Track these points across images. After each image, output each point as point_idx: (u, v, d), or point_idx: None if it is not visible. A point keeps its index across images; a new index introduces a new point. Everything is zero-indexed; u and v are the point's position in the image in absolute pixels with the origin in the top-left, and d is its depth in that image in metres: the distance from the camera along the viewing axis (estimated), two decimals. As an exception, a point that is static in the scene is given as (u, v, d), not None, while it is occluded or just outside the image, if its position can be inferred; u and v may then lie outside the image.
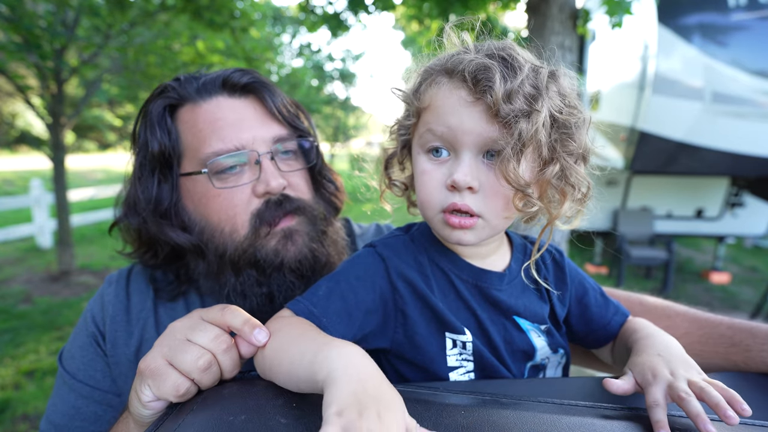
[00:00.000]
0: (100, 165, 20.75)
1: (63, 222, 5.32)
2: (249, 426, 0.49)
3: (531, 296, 0.76)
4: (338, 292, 0.68)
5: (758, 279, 6.24)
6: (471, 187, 0.62)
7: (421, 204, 0.68)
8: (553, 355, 0.77)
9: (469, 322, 0.71)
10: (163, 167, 0.84)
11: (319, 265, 0.86)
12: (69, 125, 5.22)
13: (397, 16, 5.60)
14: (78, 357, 0.86)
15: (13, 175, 15.38)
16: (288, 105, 0.89)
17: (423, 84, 0.67)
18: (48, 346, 3.69)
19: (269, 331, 0.61)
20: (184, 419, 0.52)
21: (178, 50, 5.93)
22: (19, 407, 2.87)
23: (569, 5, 3.76)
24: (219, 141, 0.80)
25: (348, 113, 21.17)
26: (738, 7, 4.37)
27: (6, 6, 3.90)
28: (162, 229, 0.83)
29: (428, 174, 0.66)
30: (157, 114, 0.83)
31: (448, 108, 0.62)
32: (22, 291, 4.99)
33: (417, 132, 0.69)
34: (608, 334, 0.81)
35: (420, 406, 0.55)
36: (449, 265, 0.73)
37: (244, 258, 0.82)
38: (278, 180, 0.81)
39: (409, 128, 0.71)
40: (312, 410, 0.52)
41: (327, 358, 0.49)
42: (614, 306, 0.82)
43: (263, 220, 0.81)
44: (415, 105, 0.67)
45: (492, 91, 0.58)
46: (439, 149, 0.65)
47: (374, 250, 0.74)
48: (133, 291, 0.90)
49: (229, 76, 0.85)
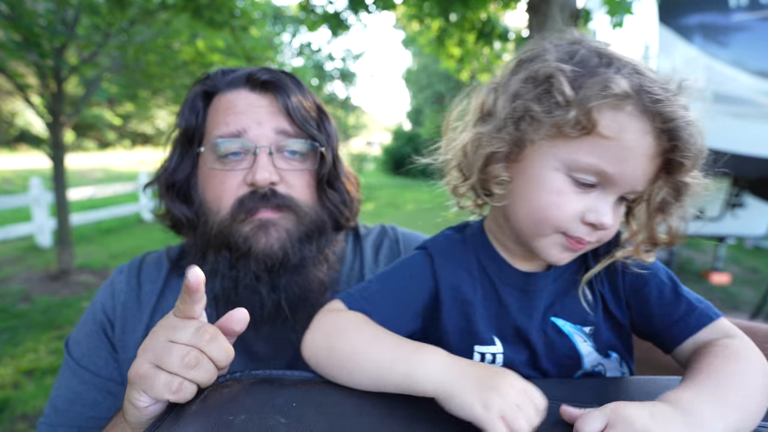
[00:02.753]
0: (100, 164, 20.73)
1: (62, 221, 5.31)
2: (249, 426, 0.49)
3: (576, 294, 0.70)
4: (391, 291, 0.69)
5: (759, 280, 6.24)
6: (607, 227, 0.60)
7: (536, 219, 0.62)
8: (607, 360, 0.70)
9: (507, 331, 0.69)
10: (185, 144, 0.92)
11: (290, 265, 0.86)
12: (69, 124, 5.22)
13: (397, 15, 5.59)
14: (83, 344, 0.90)
15: (12, 174, 15.37)
16: (305, 108, 0.90)
17: (597, 96, 0.54)
18: (47, 346, 3.68)
19: (324, 319, 0.65)
20: (183, 419, 0.52)
21: (178, 49, 5.92)
22: (18, 406, 2.87)
23: (570, 5, 3.76)
24: (224, 125, 0.87)
25: (348, 113, 21.20)
26: (739, 7, 4.36)
27: (6, 4, 3.89)
28: (168, 199, 0.91)
29: (565, 197, 0.59)
30: (192, 97, 0.92)
31: (631, 154, 0.56)
32: (21, 290, 4.99)
33: (566, 146, 0.58)
34: (673, 337, 0.65)
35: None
36: (496, 271, 0.71)
37: (220, 237, 0.86)
38: (265, 174, 0.83)
39: (544, 127, 0.58)
40: (312, 410, 0.52)
41: (428, 373, 0.53)
42: (688, 304, 0.65)
43: (243, 207, 0.84)
44: (582, 121, 0.55)
45: (687, 161, 0.56)
46: (590, 181, 0.59)
47: (425, 252, 0.73)
48: (144, 280, 0.95)
49: (253, 72, 0.91)
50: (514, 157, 0.63)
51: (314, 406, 0.54)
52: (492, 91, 0.66)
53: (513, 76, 0.64)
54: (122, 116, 24.43)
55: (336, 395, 0.57)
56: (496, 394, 0.49)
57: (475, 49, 5.20)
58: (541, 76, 0.59)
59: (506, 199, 0.65)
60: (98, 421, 0.84)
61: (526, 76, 0.61)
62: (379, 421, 0.53)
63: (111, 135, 26.40)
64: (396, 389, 0.55)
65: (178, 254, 0.99)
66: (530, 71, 0.60)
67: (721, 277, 6.14)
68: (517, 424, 0.47)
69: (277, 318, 0.86)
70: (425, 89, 26.30)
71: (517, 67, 0.64)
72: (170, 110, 9.81)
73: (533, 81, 0.60)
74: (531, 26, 3.96)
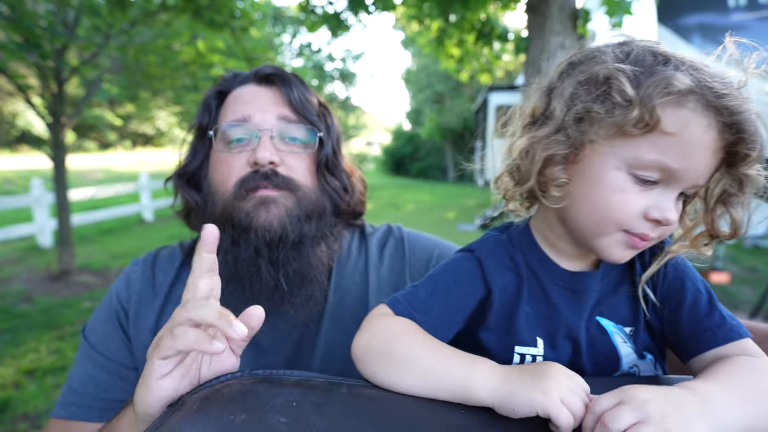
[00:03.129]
0: (101, 165, 20.73)
1: (63, 221, 5.32)
2: (249, 426, 0.49)
3: (622, 294, 0.71)
4: (438, 297, 0.69)
5: (758, 279, 6.23)
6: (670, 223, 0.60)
7: (599, 219, 0.62)
8: (642, 361, 0.71)
9: (555, 331, 0.69)
10: (200, 138, 0.99)
11: (288, 241, 0.89)
12: (69, 125, 5.22)
13: (397, 16, 5.60)
14: (98, 330, 0.95)
15: (13, 175, 15.38)
16: (306, 99, 0.97)
17: (659, 94, 0.54)
18: (48, 346, 3.69)
19: (377, 322, 0.67)
20: (183, 419, 0.52)
21: (179, 50, 5.92)
22: (19, 407, 2.87)
23: (569, 5, 3.76)
24: (231, 113, 0.94)
25: (348, 113, 21.18)
26: (738, 7, 4.37)
27: (6, 5, 3.90)
28: (181, 187, 0.99)
29: (628, 195, 0.59)
30: (207, 96, 1.00)
31: (695, 149, 0.56)
32: (22, 290, 4.99)
33: (626, 144, 0.58)
34: (698, 345, 0.65)
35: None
36: (544, 272, 0.71)
37: (224, 215, 0.90)
38: (266, 153, 0.88)
39: (605, 127, 0.59)
40: (312, 410, 0.52)
41: (484, 381, 0.56)
42: (721, 317, 0.65)
43: (245, 185, 0.89)
44: (645, 118, 0.55)
45: (752, 152, 0.56)
46: (653, 178, 0.59)
47: (471, 254, 0.73)
48: (158, 271, 1.00)
49: (259, 69, 0.99)
50: (572, 159, 0.63)
51: (314, 406, 0.54)
52: (544, 94, 0.66)
53: (566, 78, 0.64)
54: (123, 117, 24.42)
55: (336, 395, 0.58)
56: (552, 381, 0.53)
57: (475, 49, 5.20)
58: (600, 78, 0.59)
59: (564, 200, 0.64)
60: (110, 402, 0.88)
61: (584, 78, 0.61)
62: (380, 421, 0.53)
63: (112, 136, 26.39)
64: (449, 397, 0.57)
65: (190, 246, 1.05)
66: (588, 73, 0.60)
67: (720, 277, 6.14)
68: (574, 405, 0.51)
69: (276, 292, 0.89)
70: (425, 89, 26.27)
71: (569, 69, 0.65)
72: (171, 111, 9.81)
73: (592, 82, 0.60)
74: (530, 26, 3.97)
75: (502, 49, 5.24)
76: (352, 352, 0.65)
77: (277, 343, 0.93)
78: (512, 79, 17.39)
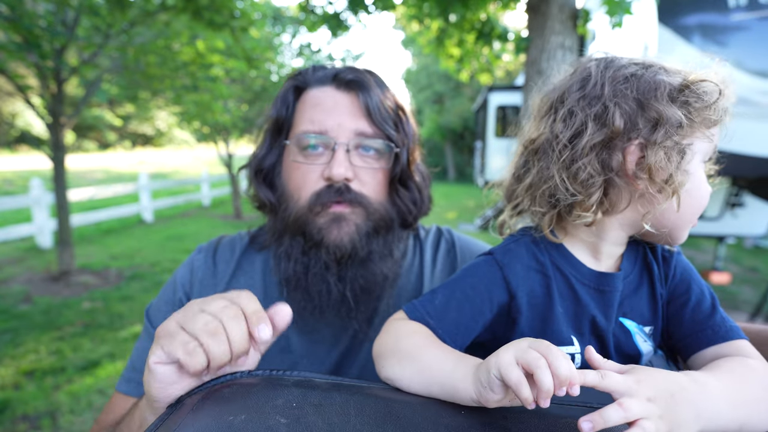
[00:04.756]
0: (100, 165, 20.75)
1: (63, 222, 5.31)
2: (249, 426, 0.49)
3: (642, 295, 0.73)
4: (455, 303, 0.70)
5: (758, 279, 6.24)
6: None
7: (698, 209, 0.68)
8: (655, 356, 0.75)
9: (585, 330, 0.70)
10: (275, 134, 1.00)
11: (357, 258, 0.93)
12: (69, 125, 5.22)
13: (397, 15, 5.61)
14: (162, 311, 0.98)
15: (13, 175, 15.38)
16: (385, 108, 0.95)
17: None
18: (48, 346, 3.69)
19: (390, 324, 0.71)
20: (184, 419, 0.52)
21: (178, 50, 5.92)
22: (18, 407, 2.87)
23: (569, 5, 3.77)
24: (310, 122, 0.93)
25: (348, 113, 21.13)
26: (738, 7, 4.37)
27: (6, 5, 3.90)
28: (256, 183, 1.01)
29: (706, 183, 0.69)
30: (284, 91, 0.99)
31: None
32: (21, 291, 4.99)
33: (701, 140, 0.66)
34: (699, 342, 0.69)
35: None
36: (570, 269, 0.72)
37: (297, 224, 0.93)
38: (340, 170, 0.89)
39: (695, 129, 0.65)
40: (312, 410, 0.52)
41: (465, 377, 0.56)
42: (722, 319, 0.70)
43: (319, 200, 0.91)
44: (719, 116, 0.66)
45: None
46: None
47: (492, 258, 0.73)
48: (219, 260, 1.03)
49: (340, 71, 0.97)
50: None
51: (314, 406, 0.54)
52: (611, 110, 0.65)
53: (634, 93, 0.66)
54: (122, 117, 24.42)
55: (336, 396, 0.58)
56: (510, 346, 0.52)
57: (475, 49, 5.21)
58: (676, 87, 0.65)
59: (656, 205, 0.66)
60: None
61: (675, 88, 0.65)
62: (380, 422, 0.53)
63: (111, 136, 26.41)
64: (440, 392, 0.58)
65: (256, 231, 1.09)
66: (665, 85, 0.65)
67: (720, 277, 6.14)
68: (528, 357, 0.48)
69: (342, 307, 0.92)
70: (425, 89, 26.30)
71: (627, 83, 0.66)
72: (170, 111, 9.81)
73: (677, 91, 0.65)
74: (530, 26, 3.97)
75: (502, 49, 5.25)
76: (372, 351, 0.69)
77: (338, 337, 0.96)
78: (512, 79, 17.42)
